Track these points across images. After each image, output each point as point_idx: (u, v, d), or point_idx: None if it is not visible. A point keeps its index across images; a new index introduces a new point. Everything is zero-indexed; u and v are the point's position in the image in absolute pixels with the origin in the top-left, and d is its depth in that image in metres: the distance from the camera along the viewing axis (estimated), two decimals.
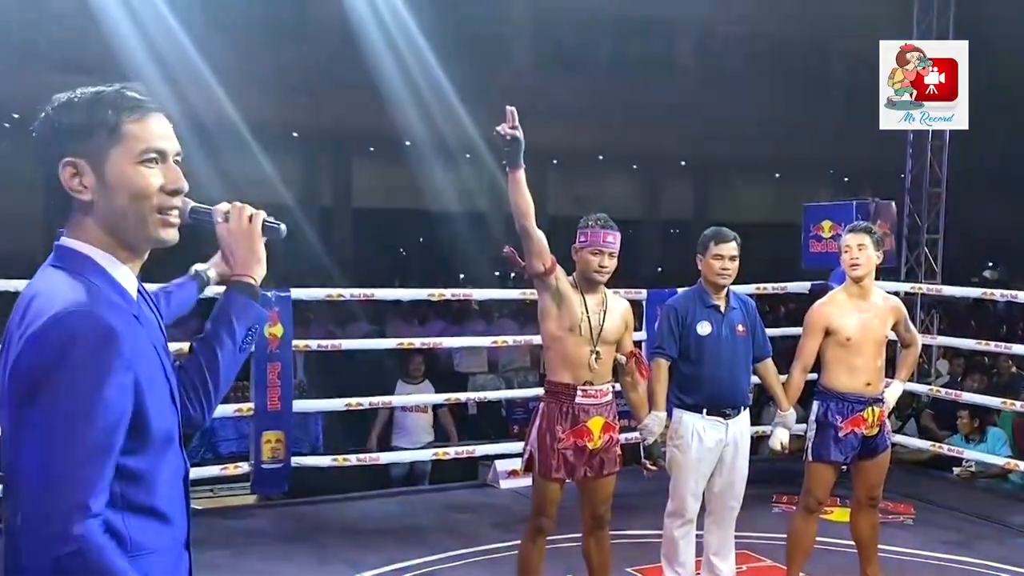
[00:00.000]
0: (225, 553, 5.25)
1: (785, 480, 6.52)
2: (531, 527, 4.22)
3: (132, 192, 1.58)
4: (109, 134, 1.56)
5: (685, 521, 4.50)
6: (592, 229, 4.09)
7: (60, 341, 1.44)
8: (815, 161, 22.09)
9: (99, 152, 1.56)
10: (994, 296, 7.26)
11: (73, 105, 1.57)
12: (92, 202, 1.57)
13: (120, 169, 1.57)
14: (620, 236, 4.14)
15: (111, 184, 1.57)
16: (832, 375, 4.46)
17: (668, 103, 20.75)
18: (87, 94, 1.59)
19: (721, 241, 4.44)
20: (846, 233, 4.49)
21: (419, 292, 7.59)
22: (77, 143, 1.55)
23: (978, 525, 6.04)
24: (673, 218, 24.45)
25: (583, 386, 4.11)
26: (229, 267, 1.85)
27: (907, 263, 8.97)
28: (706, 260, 4.44)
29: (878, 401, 4.47)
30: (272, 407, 5.86)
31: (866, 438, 4.45)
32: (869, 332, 4.43)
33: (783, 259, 9.65)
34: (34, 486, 1.45)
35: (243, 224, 1.82)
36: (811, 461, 4.50)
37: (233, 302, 1.80)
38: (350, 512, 6.20)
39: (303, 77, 16.95)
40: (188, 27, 14.67)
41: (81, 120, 1.55)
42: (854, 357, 4.41)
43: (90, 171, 1.56)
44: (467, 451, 6.88)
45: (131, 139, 1.58)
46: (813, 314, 4.52)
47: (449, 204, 19.35)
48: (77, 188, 1.56)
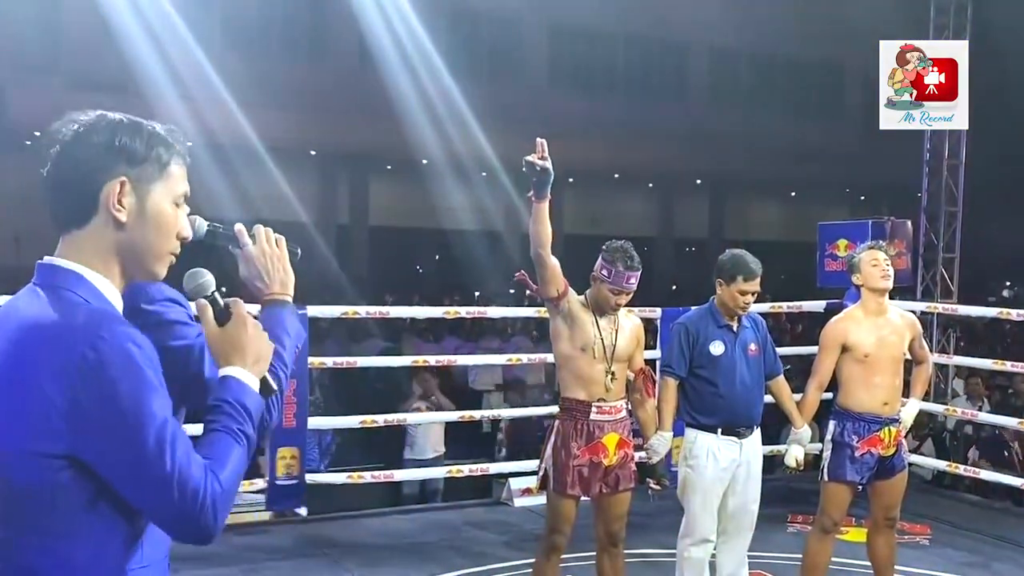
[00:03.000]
0: (238, 570, 5.26)
1: (800, 500, 6.49)
2: (545, 544, 4.22)
3: (165, 229, 1.63)
4: (160, 169, 1.61)
5: (700, 541, 4.48)
6: (618, 270, 4.08)
7: (101, 374, 1.44)
8: (831, 180, 22.08)
9: (146, 181, 1.60)
10: (1011, 315, 7.21)
11: (131, 130, 1.60)
12: (124, 224, 1.59)
13: (160, 204, 1.62)
14: (641, 271, 4.16)
15: (149, 215, 1.60)
16: (849, 394, 4.43)
17: (683, 122, 20.81)
18: (140, 123, 1.62)
19: (749, 278, 4.38)
20: (867, 251, 4.46)
21: (434, 310, 7.61)
22: (130, 166, 1.58)
23: (996, 546, 5.99)
24: (688, 236, 24.46)
25: (597, 403, 4.13)
26: (263, 287, 1.87)
27: (923, 282, 8.92)
28: (729, 290, 4.40)
29: (895, 421, 4.44)
30: (287, 424, 5.88)
31: (883, 458, 4.42)
32: (887, 348, 4.40)
33: (798, 278, 9.63)
34: (165, 496, 1.46)
35: (274, 246, 1.86)
36: (827, 481, 4.47)
37: (285, 318, 1.85)
38: (363, 528, 6.20)
39: (320, 95, 17.08)
40: (205, 45, 14.81)
41: (139, 147, 1.59)
42: (872, 374, 4.38)
43: (132, 196, 1.59)
44: (481, 469, 6.88)
45: (173, 180, 1.63)
46: (829, 331, 4.50)
47: (465, 222, 19.42)
48: (118, 207, 1.58)
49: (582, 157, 20.03)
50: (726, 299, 4.42)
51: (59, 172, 1.57)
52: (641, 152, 20.55)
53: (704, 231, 23.81)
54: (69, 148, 1.56)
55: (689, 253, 24.37)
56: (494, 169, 18.22)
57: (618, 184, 22.76)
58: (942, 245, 8.99)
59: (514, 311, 8.71)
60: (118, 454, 1.46)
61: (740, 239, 17.98)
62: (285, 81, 16.35)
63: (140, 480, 1.47)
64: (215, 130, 13.23)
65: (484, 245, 18.37)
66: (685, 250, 24.35)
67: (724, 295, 4.42)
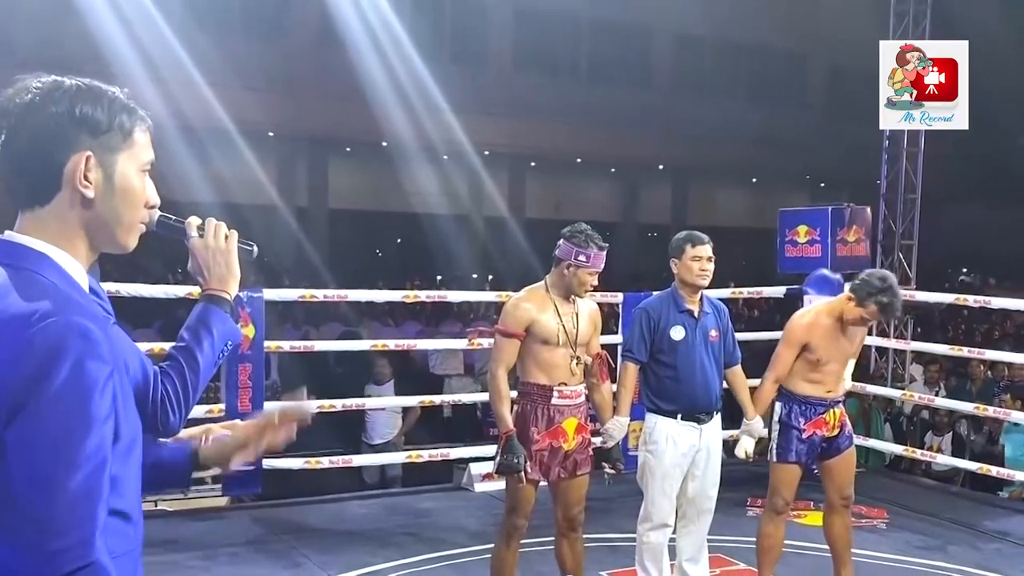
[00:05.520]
0: (196, 555, 5.20)
1: (759, 484, 6.49)
2: (505, 530, 4.20)
3: (133, 198, 1.56)
4: (124, 138, 1.53)
5: (659, 526, 4.48)
6: (593, 252, 4.07)
7: (42, 354, 1.35)
8: (792, 166, 22.22)
9: (110, 152, 1.52)
10: (967, 301, 7.28)
11: (93, 98, 1.51)
12: (92, 200, 1.51)
13: (128, 175, 1.54)
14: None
15: (117, 187, 1.53)
16: (795, 382, 4.50)
17: (647, 108, 20.83)
18: (100, 89, 1.53)
19: (697, 243, 4.43)
20: (872, 303, 4.26)
21: (393, 294, 7.54)
22: (93, 138, 1.49)
23: (952, 530, 6.06)
24: (650, 222, 24.51)
25: (559, 387, 4.11)
26: (203, 280, 1.87)
27: (881, 268, 8.99)
28: (683, 263, 4.42)
29: (838, 403, 4.53)
30: (243, 408, 5.80)
31: (828, 439, 4.50)
32: (839, 354, 4.49)
33: (759, 264, 9.68)
34: (37, 514, 1.33)
35: (220, 241, 1.86)
36: (775, 462, 4.53)
37: (212, 314, 1.84)
38: (322, 515, 6.15)
39: (280, 75, 16.86)
40: (167, 23, 14.54)
41: (101, 116, 1.50)
42: (820, 373, 4.47)
43: (98, 169, 1.51)
44: (441, 454, 6.84)
45: (138, 148, 1.56)
46: (795, 329, 4.50)
47: (427, 205, 19.31)
48: (84, 183, 1.49)
49: (545, 141, 20.03)
50: (684, 275, 4.42)
51: (15, 147, 1.47)
52: (604, 137, 20.54)
53: (667, 217, 23.86)
54: (25, 120, 1.46)
55: (652, 239, 24.42)
56: (456, 152, 18.12)
57: (581, 169, 22.75)
58: (901, 232, 9.07)
59: (475, 295, 8.65)
60: (28, 468, 1.34)
61: (702, 225, 18.14)
62: (244, 60, 16.10)
63: (28, 507, 1.34)
64: (171, 110, 12.97)
65: (446, 229, 18.29)
66: (648, 235, 24.40)
67: (682, 271, 4.43)
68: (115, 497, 1.49)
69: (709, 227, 4.93)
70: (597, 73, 21.39)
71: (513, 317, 4.12)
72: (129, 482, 1.55)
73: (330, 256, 16.81)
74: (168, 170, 12.59)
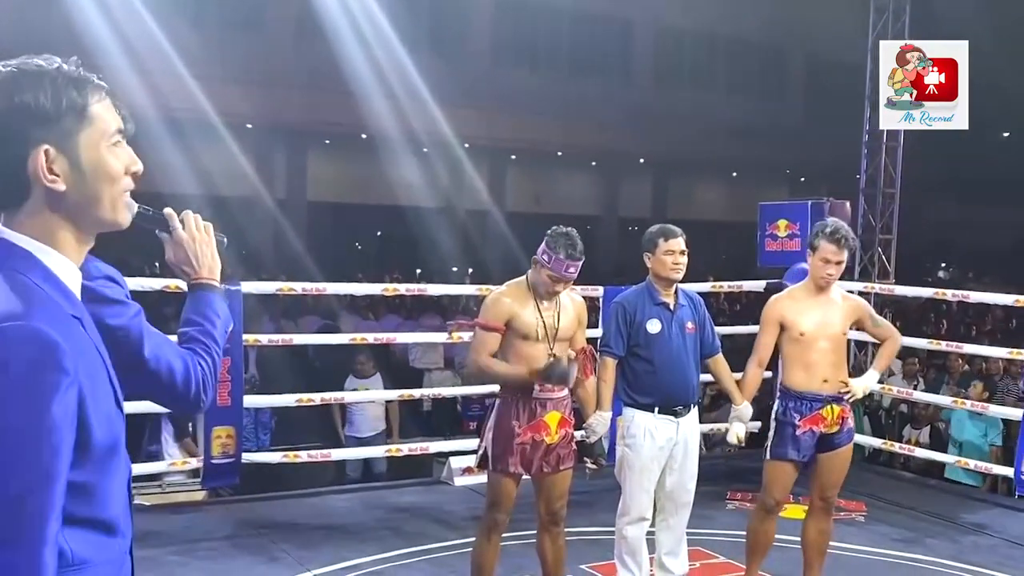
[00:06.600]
0: (173, 550, 5.15)
1: (738, 477, 6.54)
2: (486, 524, 4.18)
3: (108, 176, 1.48)
4: (78, 117, 1.44)
5: (636, 519, 4.47)
6: (558, 257, 4.02)
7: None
8: (772, 161, 22.30)
9: (68, 137, 1.43)
10: (946, 296, 7.32)
11: (31, 84, 1.41)
12: (64, 192, 1.44)
13: (95, 153, 1.46)
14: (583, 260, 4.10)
15: (86, 170, 1.45)
16: (789, 373, 4.46)
17: (628, 101, 20.83)
18: (39, 69, 1.43)
19: (670, 237, 4.42)
20: (829, 242, 4.31)
21: (372, 287, 7.50)
22: (45, 128, 1.41)
23: (930, 523, 6.09)
24: (631, 216, 24.53)
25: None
26: (191, 271, 1.88)
27: (860, 263, 9.03)
28: (657, 257, 4.41)
29: (837, 400, 4.45)
30: (222, 402, 5.75)
31: (825, 435, 4.43)
32: (823, 328, 4.41)
33: (740, 257, 9.69)
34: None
35: (202, 231, 1.88)
36: (769, 460, 4.50)
37: (214, 300, 1.90)
38: (301, 509, 6.10)
39: (259, 66, 16.74)
40: (147, 13, 14.38)
41: (46, 102, 1.41)
42: (809, 353, 4.39)
43: (62, 158, 1.43)
44: (421, 448, 6.81)
45: (100, 121, 1.47)
46: (769, 308, 4.51)
47: (407, 198, 19.24)
48: (51, 178, 1.42)
49: (526, 134, 19.99)
50: (658, 268, 4.42)
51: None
52: (585, 130, 20.54)
53: (647, 210, 23.89)
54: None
55: (632, 232, 24.45)
56: (436, 144, 18.06)
57: (562, 162, 22.74)
58: (880, 226, 9.10)
59: (455, 288, 8.62)
60: None
61: (683, 218, 18.15)
62: (222, 51, 15.98)
63: None
64: (146, 102, 12.85)
65: (426, 221, 18.23)
66: (628, 229, 24.44)
67: (655, 266, 4.42)
68: (88, 506, 1.45)
69: (689, 221, 4.94)
70: (578, 66, 21.36)
71: (493, 311, 4.10)
72: (109, 490, 1.50)
73: (308, 248, 16.71)
74: (145, 161, 12.44)
